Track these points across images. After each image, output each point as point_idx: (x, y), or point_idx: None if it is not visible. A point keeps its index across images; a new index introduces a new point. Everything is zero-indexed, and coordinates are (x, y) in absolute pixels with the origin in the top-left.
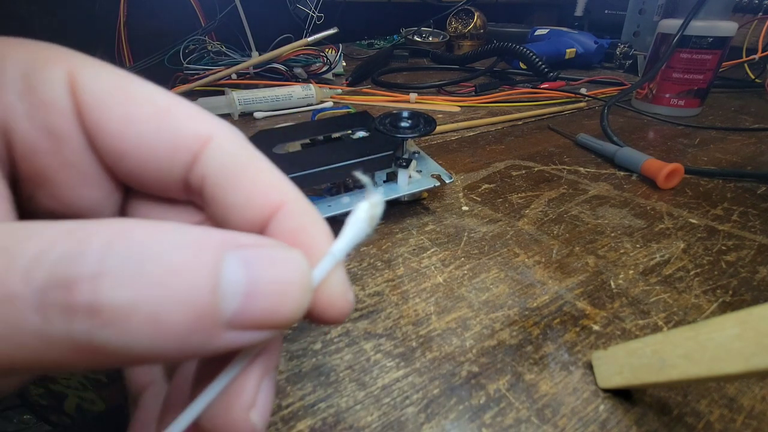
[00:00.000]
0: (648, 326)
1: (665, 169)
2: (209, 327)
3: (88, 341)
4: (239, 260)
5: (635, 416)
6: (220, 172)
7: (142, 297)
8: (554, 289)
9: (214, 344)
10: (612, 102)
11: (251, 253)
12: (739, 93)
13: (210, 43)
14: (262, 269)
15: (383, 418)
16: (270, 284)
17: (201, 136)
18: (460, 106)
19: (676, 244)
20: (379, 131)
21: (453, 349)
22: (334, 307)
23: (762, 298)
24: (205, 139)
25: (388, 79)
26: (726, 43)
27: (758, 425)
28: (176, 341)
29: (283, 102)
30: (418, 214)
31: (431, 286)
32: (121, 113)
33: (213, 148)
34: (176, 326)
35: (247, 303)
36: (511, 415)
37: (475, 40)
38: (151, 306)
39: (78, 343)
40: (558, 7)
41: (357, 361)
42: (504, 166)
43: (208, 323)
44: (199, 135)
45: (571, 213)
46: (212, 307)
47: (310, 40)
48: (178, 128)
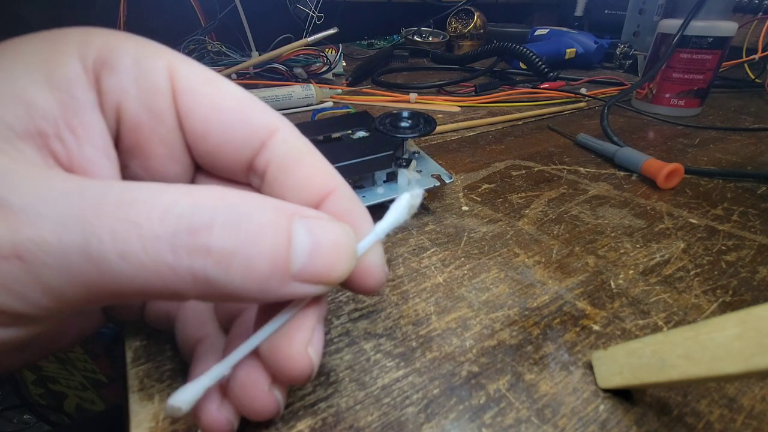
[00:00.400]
0: (648, 326)
1: (665, 169)
2: (282, 275)
3: (203, 275)
4: (305, 227)
5: (635, 416)
6: (283, 158)
7: (241, 245)
8: (554, 289)
9: (283, 291)
10: (612, 102)
11: (314, 222)
12: (739, 93)
13: (210, 43)
14: (322, 235)
15: (383, 418)
16: (328, 248)
17: (270, 127)
18: (460, 106)
19: (676, 244)
20: (379, 131)
21: (453, 349)
22: (373, 275)
23: (762, 298)
24: (272, 130)
25: (388, 79)
26: (726, 43)
27: (758, 425)
28: (259, 283)
29: (283, 102)
30: (418, 214)
31: (431, 286)
32: (209, 101)
33: (279, 138)
34: (261, 271)
35: (310, 260)
36: (511, 415)
37: (475, 40)
38: (246, 252)
39: (197, 275)
40: (558, 7)
41: (357, 361)
42: (504, 166)
43: (282, 272)
44: (268, 126)
45: (571, 213)
46: (286, 260)
47: (310, 40)
48: (253, 119)
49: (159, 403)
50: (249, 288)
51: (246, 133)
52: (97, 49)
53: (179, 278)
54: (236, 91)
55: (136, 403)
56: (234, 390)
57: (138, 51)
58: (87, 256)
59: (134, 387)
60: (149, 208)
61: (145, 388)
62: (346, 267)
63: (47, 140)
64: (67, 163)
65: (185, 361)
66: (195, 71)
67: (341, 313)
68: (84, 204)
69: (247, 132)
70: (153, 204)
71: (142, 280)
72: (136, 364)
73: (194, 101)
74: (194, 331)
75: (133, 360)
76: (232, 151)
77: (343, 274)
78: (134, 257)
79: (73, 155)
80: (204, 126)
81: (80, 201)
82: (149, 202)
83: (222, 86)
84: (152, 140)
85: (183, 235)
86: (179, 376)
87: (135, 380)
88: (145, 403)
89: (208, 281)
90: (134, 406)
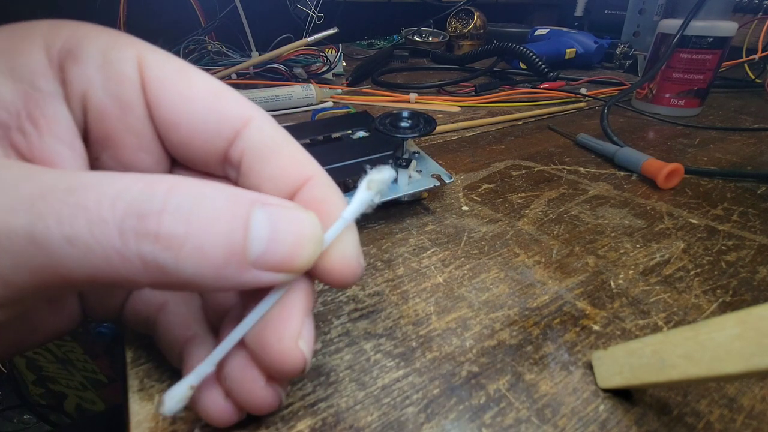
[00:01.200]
0: (648, 326)
1: (665, 169)
2: (239, 263)
3: (153, 260)
4: (265, 214)
5: (635, 416)
6: (258, 147)
7: (191, 231)
8: (554, 289)
9: (243, 278)
10: (612, 102)
11: (275, 210)
12: (739, 93)
13: (210, 43)
14: (283, 222)
15: (383, 418)
16: (288, 235)
17: (243, 116)
18: (460, 106)
19: (676, 244)
20: (379, 131)
21: (453, 349)
22: (345, 266)
23: (762, 298)
24: (246, 120)
25: (388, 79)
26: (726, 43)
27: (758, 425)
28: (214, 270)
29: (283, 102)
30: (418, 214)
31: (431, 286)
32: (179, 91)
33: (253, 127)
34: (214, 258)
35: (269, 248)
36: (511, 415)
37: (475, 40)
38: (197, 239)
39: (146, 261)
40: (558, 7)
41: (357, 361)
42: (504, 166)
43: (239, 259)
44: (242, 116)
45: (571, 213)
46: (242, 247)
47: (310, 40)
48: (225, 109)
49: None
50: (203, 275)
51: (218, 122)
52: (63, 39)
53: (129, 263)
54: (208, 81)
55: (136, 403)
56: (231, 387)
57: (106, 41)
58: (32, 240)
59: (134, 387)
60: (99, 193)
61: (145, 388)
62: (309, 254)
63: (8, 132)
64: (28, 155)
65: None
66: (165, 61)
67: (341, 313)
68: (33, 190)
69: (219, 122)
70: (104, 190)
71: (91, 265)
72: (136, 364)
73: (163, 91)
74: (181, 332)
75: (133, 360)
76: (205, 141)
77: (306, 262)
78: (81, 241)
79: (34, 147)
80: (174, 116)
81: (29, 187)
82: (100, 188)
83: (193, 76)
84: (121, 130)
85: (131, 219)
86: (179, 375)
87: (135, 380)
88: (145, 403)
89: (159, 267)
90: (134, 406)
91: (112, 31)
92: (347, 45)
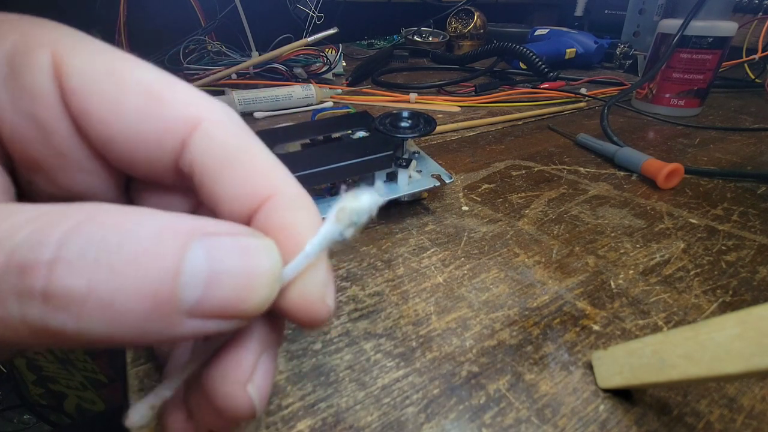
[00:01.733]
0: (648, 326)
1: (665, 169)
2: (168, 315)
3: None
4: (204, 248)
5: (635, 416)
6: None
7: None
8: (554, 289)
9: (175, 331)
10: (612, 102)
11: (218, 241)
12: (739, 93)
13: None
14: (227, 258)
15: (383, 418)
16: (233, 273)
17: (189, 121)
18: (460, 106)
19: (676, 244)
20: (379, 131)
21: (453, 349)
22: (308, 308)
23: (762, 298)
24: (193, 125)
25: (388, 79)
26: (726, 43)
27: (758, 425)
28: (134, 328)
29: (283, 102)
30: (418, 214)
31: (431, 286)
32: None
33: (200, 135)
34: (132, 313)
35: (207, 292)
36: (511, 415)
37: (475, 40)
38: (104, 293)
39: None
40: (558, 7)
41: (357, 361)
42: (504, 166)
43: (167, 311)
44: (187, 120)
45: (571, 213)
46: (171, 295)
47: (310, 40)
48: (166, 115)
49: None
50: (121, 333)
51: (157, 133)
52: None
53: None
54: (146, 80)
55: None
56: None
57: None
58: None
59: (134, 387)
60: None
61: (145, 388)
62: (262, 296)
63: None
64: None
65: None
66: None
67: (341, 313)
68: None
69: (158, 132)
70: None
71: None
72: (136, 364)
73: (89, 102)
74: None
75: (133, 360)
76: (146, 155)
77: (258, 305)
78: None
79: None
80: (105, 130)
81: None
82: None
83: (126, 77)
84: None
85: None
86: None
87: (135, 380)
88: None
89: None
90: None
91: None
92: (347, 45)
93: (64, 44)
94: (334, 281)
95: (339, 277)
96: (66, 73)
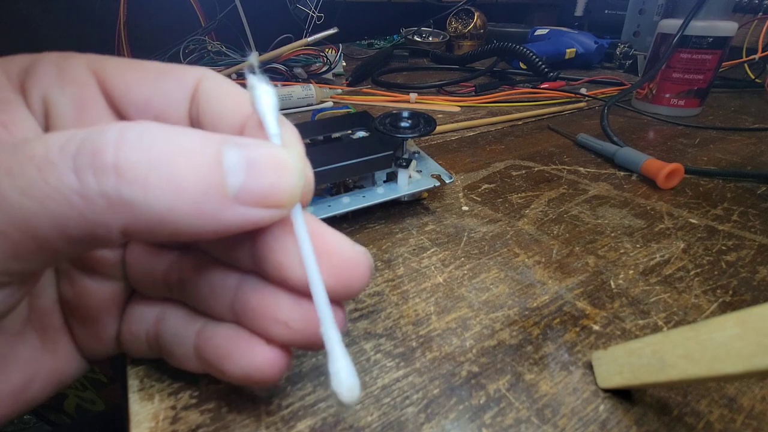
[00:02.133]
0: (648, 326)
1: (665, 169)
2: (220, 196)
3: (118, 196)
4: (237, 148)
5: (635, 416)
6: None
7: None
8: (554, 289)
9: (227, 214)
10: (612, 102)
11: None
12: (739, 93)
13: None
14: (259, 155)
15: (383, 418)
16: (266, 163)
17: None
18: (460, 106)
19: (676, 244)
20: (379, 131)
21: (453, 349)
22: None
23: (762, 298)
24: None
25: (388, 79)
26: (726, 43)
27: (758, 425)
28: (192, 203)
29: (283, 102)
30: (418, 214)
31: (431, 286)
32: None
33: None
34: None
35: (249, 179)
36: (511, 415)
37: (475, 40)
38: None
39: (111, 198)
40: (558, 7)
41: (357, 361)
42: (504, 166)
43: (218, 192)
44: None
45: (571, 213)
46: (219, 178)
47: (310, 40)
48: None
49: (159, 403)
50: (181, 209)
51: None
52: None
53: (93, 204)
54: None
55: (136, 403)
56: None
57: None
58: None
59: (134, 387)
60: (47, 142)
61: (145, 388)
62: (293, 183)
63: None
64: None
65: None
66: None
67: None
68: None
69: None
70: (51, 139)
71: (54, 215)
72: (136, 364)
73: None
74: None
75: (133, 360)
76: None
77: (292, 192)
78: (36, 189)
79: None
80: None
81: None
82: (48, 138)
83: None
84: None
85: (84, 156)
86: (179, 376)
87: (135, 380)
88: (145, 403)
89: (127, 203)
90: (134, 406)
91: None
92: (347, 45)
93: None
94: None
95: None
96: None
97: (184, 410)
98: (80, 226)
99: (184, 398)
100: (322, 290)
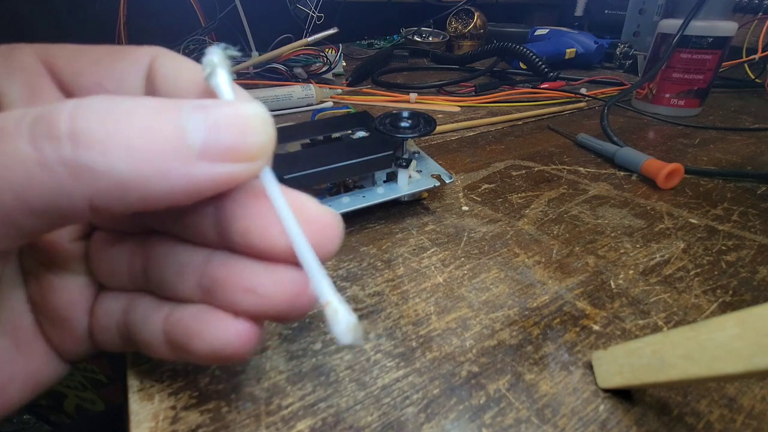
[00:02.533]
0: (648, 326)
1: (665, 169)
2: (183, 154)
3: (77, 163)
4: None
5: (635, 416)
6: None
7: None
8: (554, 289)
9: (194, 172)
10: (612, 102)
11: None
12: (739, 93)
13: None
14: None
15: (383, 418)
16: (229, 117)
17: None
18: (460, 106)
19: (676, 244)
20: (379, 131)
21: (453, 349)
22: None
23: (762, 298)
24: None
25: (388, 79)
26: (726, 43)
27: (758, 425)
28: (155, 165)
29: (283, 102)
30: (418, 214)
31: (431, 286)
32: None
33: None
34: (150, 150)
35: (211, 135)
36: (511, 415)
37: (475, 40)
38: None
39: (71, 166)
40: (558, 7)
41: (357, 361)
42: (504, 166)
43: (180, 149)
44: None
45: (571, 213)
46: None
47: (310, 40)
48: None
49: (159, 403)
50: (145, 172)
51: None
52: None
53: (54, 173)
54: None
55: (136, 403)
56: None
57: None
58: None
59: (134, 387)
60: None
61: (145, 388)
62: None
63: None
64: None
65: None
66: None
67: None
68: None
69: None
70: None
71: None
72: (136, 364)
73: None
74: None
75: (133, 360)
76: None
77: (261, 142)
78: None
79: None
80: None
81: None
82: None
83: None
84: None
85: (40, 126)
86: (179, 375)
87: (135, 380)
88: (145, 403)
89: (88, 169)
90: (134, 406)
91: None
92: (347, 45)
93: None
94: None
95: (339, 277)
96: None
97: (184, 410)
98: (42, 197)
99: (184, 398)
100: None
